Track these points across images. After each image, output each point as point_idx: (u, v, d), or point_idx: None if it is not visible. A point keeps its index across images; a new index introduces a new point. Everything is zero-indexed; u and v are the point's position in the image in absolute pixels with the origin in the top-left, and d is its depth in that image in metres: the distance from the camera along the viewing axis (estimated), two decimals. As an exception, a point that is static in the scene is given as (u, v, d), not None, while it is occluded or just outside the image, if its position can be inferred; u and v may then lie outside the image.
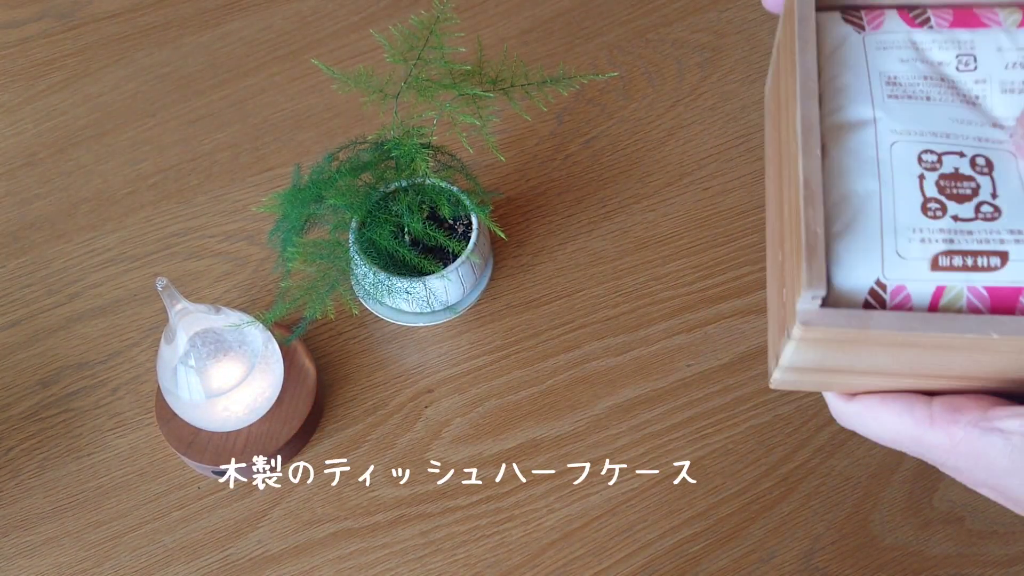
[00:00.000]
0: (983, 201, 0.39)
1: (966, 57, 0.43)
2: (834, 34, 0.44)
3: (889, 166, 0.40)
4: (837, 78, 0.43)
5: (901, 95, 0.42)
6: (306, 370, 0.67)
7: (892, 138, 0.41)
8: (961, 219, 0.39)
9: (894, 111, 0.41)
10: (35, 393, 0.69)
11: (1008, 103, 0.41)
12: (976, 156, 0.40)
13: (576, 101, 0.82)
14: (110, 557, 0.63)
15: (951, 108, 0.42)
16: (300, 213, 0.61)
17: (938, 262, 0.38)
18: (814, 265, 0.37)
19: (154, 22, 0.87)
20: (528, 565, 0.63)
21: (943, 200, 0.39)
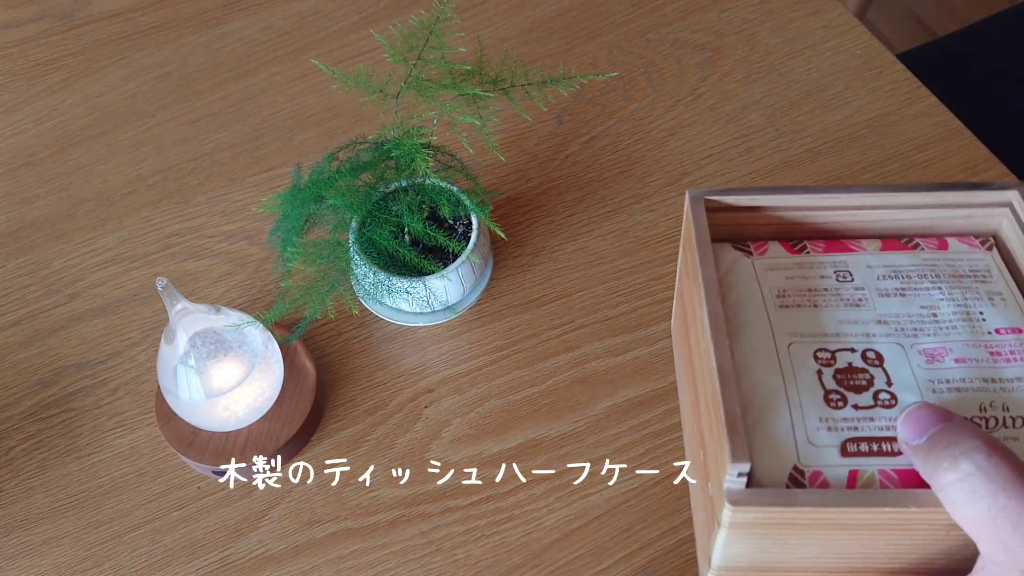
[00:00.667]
0: (880, 390, 0.44)
1: (842, 272, 0.48)
2: (726, 259, 0.50)
3: (789, 363, 0.45)
4: (732, 293, 0.48)
5: (791, 304, 0.47)
6: (306, 370, 0.67)
7: (788, 340, 0.46)
8: (862, 407, 0.43)
9: (786, 317, 0.46)
10: (35, 393, 0.69)
11: (888, 304, 0.46)
12: (866, 350, 0.45)
13: (576, 101, 0.82)
14: (110, 557, 0.63)
15: (837, 312, 0.46)
16: (300, 213, 0.61)
17: (847, 448, 0.42)
18: (736, 440, 0.39)
19: (154, 22, 0.87)
20: (528, 565, 0.63)
21: (843, 391, 0.43)
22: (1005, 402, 0.43)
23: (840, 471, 0.41)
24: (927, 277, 0.48)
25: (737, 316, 0.47)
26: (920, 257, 0.49)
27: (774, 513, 0.40)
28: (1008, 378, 0.44)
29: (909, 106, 0.80)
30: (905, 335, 0.46)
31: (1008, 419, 0.42)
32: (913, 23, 1.88)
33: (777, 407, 0.43)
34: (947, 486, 0.36)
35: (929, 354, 0.45)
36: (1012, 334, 0.45)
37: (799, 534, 0.41)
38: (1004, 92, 1.03)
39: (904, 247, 0.50)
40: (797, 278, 0.48)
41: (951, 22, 1.86)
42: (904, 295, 0.47)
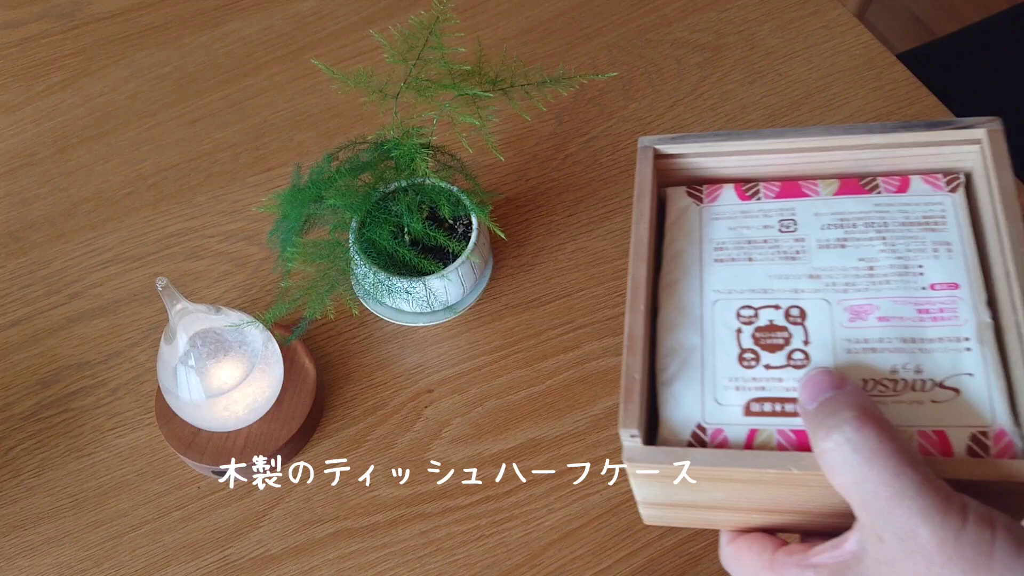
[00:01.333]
0: (795, 349, 0.44)
1: (787, 221, 0.48)
2: (677, 206, 0.51)
3: (711, 322, 0.46)
4: (674, 244, 0.49)
5: (726, 258, 0.48)
6: (306, 370, 0.67)
7: (714, 297, 0.47)
8: (773, 367, 0.44)
9: (718, 273, 0.47)
10: (35, 393, 0.69)
11: (825, 256, 0.47)
12: (791, 307, 0.46)
13: (576, 101, 0.82)
14: (110, 557, 0.63)
15: (771, 266, 0.47)
16: (300, 213, 0.61)
17: (750, 408, 0.43)
18: (629, 406, 0.42)
19: (154, 22, 0.87)
20: (528, 565, 0.63)
21: (757, 350, 0.44)
22: (919, 364, 0.43)
23: (740, 430, 0.43)
24: (873, 226, 0.47)
25: (673, 270, 0.48)
26: (873, 202, 0.48)
27: (667, 469, 0.43)
28: (929, 338, 0.43)
29: (909, 106, 0.80)
30: (835, 290, 0.46)
31: (918, 382, 0.42)
32: (913, 23, 1.88)
33: (692, 366, 0.45)
34: (822, 453, 0.38)
35: (854, 311, 0.45)
36: (947, 290, 0.45)
37: (701, 485, 0.43)
38: (1004, 92, 1.03)
39: (861, 189, 0.49)
40: (740, 228, 0.49)
41: (951, 22, 1.86)
42: (844, 246, 0.47)
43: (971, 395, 0.42)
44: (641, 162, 0.49)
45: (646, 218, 0.47)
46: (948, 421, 0.41)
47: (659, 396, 0.45)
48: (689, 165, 0.50)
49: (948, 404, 0.42)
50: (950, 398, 0.42)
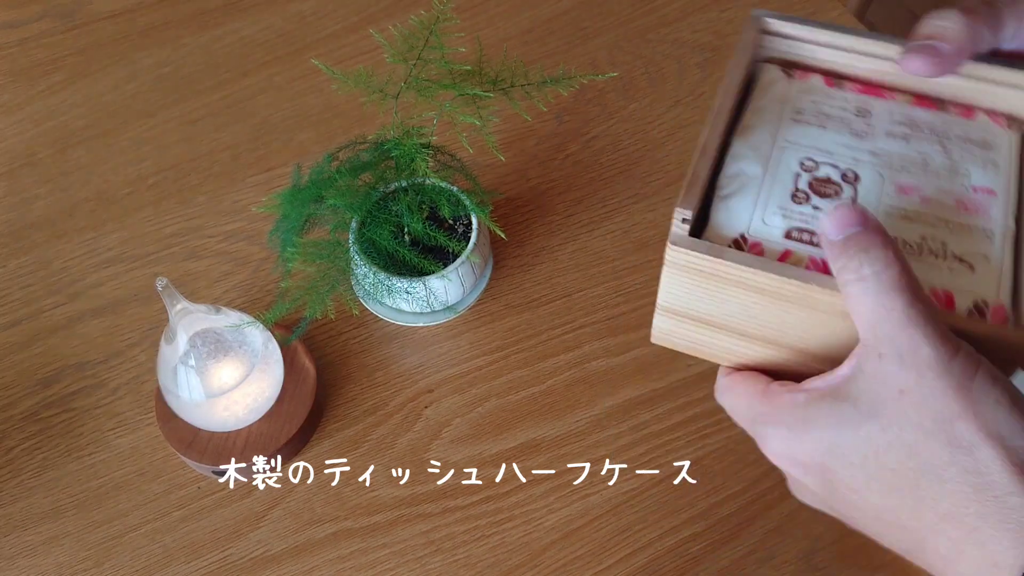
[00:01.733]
0: (842, 201, 0.50)
1: (863, 110, 0.54)
2: (769, 76, 0.56)
3: (777, 162, 0.52)
4: (759, 101, 0.55)
5: (802, 121, 0.54)
6: (306, 370, 0.67)
7: (784, 145, 0.52)
8: (820, 209, 0.49)
9: (793, 129, 0.53)
10: (35, 393, 0.69)
11: (889, 142, 0.52)
12: (848, 170, 0.51)
13: (576, 101, 0.82)
14: (110, 557, 0.63)
15: (840, 136, 0.53)
16: (300, 213, 0.61)
17: (791, 233, 0.49)
18: (690, 193, 0.47)
19: (154, 22, 0.87)
20: (528, 565, 0.63)
21: (810, 193, 0.50)
22: (945, 239, 0.49)
23: (777, 248, 0.48)
24: (936, 132, 0.53)
25: (752, 119, 0.53)
26: (941, 117, 0.54)
27: (703, 261, 0.47)
28: (960, 223, 0.49)
29: (909, 106, 0.80)
30: (891, 168, 0.51)
31: (940, 251, 0.48)
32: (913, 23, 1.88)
33: (749, 191, 0.50)
34: (847, 283, 0.43)
35: (902, 187, 0.50)
36: (986, 194, 0.51)
37: (724, 290, 0.48)
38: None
39: (932, 105, 0.54)
40: (820, 104, 0.54)
41: (951, 22, 1.86)
42: (907, 140, 0.52)
43: (982, 273, 0.48)
44: (746, 31, 0.54)
45: (742, 69, 0.53)
46: (957, 286, 0.47)
47: (713, 207, 0.50)
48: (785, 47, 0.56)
49: (961, 274, 0.47)
50: (964, 270, 0.48)
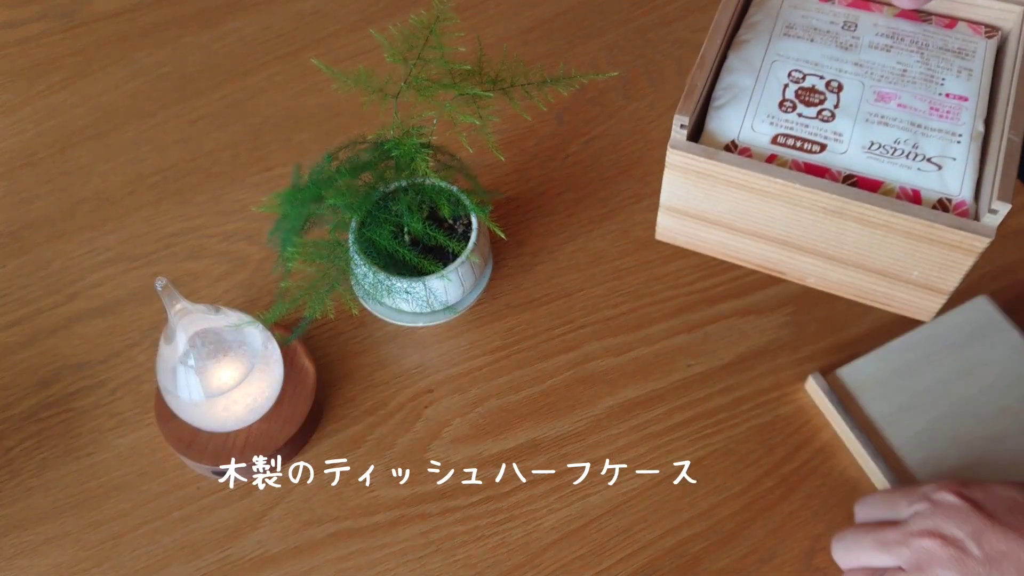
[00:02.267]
0: (825, 108, 0.56)
1: (850, 23, 0.60)
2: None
3: (766, 73, 0.57)
4: (754, 16, 0.61)
5: (792, 35, 0.59)
6: (306, 370, 0.67)
7: (774, 58, 0.58)
8: (804, 117, 0.56)
9: (783, 43, 0.59)
10: (35, 393, 0.69)
11: (871, 53, 0.58)
12: (832, 80, 0.57)
13: (576, 101, 0.82)
14: (110, 557, 0.63)
15: (827, 49, 0.59)
16: (300, 213, 0.61)
17: (777, 140, 0.55)
18: (688, 101, 0.54)
19: (154, 22, 0.87)
20: (528, 565, 0.63)
21: (796, 102, 0.56)
22: (917, 142, 0.54)
23: (764, 152, 0.55)
24: (916, 43, 0.59)
25: (746, 34, 0.60)
26: (923, 28, 0.59)
27: (698, 162, 0.54)
28: (931, 127, 0.55)
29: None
30: (871, 78, 0.57)
31: (912, 153, 0.54)
32: None
33: (741, 100, 0.56)
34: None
35: (881, 95, 0.56)
36: (958, 100, 0.56)
37: (717, 188, 0.55)
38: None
39: (916, 17, 0.60)
40: (811, 18, 0.60)
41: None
42: (889, 51, 0.58)
43: (949, 173, 0.53)
44: None
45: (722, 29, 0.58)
46: (925, 185, 0.53)
47: (707, 116, 0.56)
48: None
49: (929, 174, 0.53)
50: (932, 170, 0.53)
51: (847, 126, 0.55)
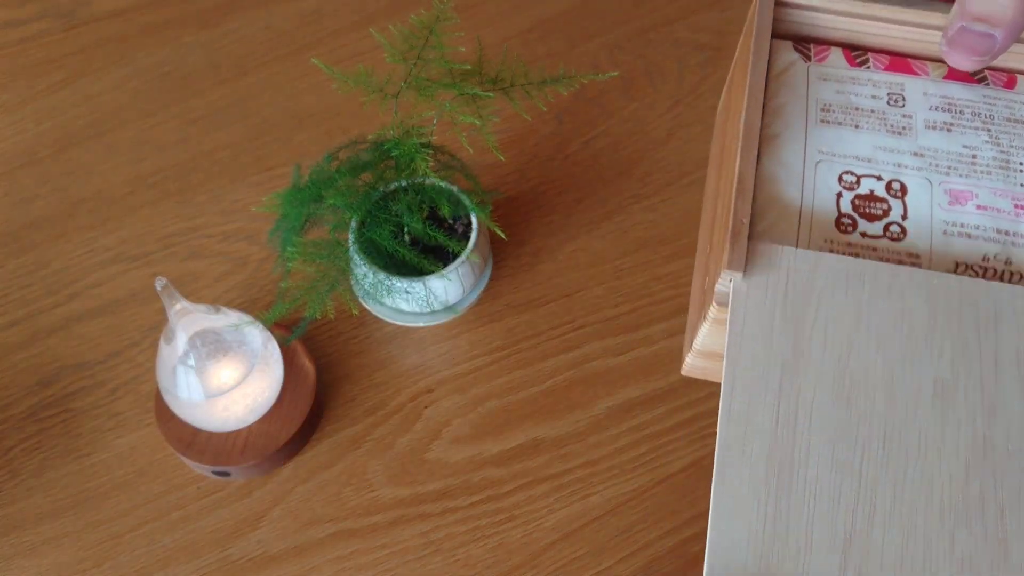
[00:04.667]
0: (893, 222, 0.45)
1: (896, 96, 0.48)
2: (783, 60, 0.49)
3: (813, 181, 0.45)
4: (778, 98, 0.48)
5: (832, 121, 0.47)
6: (306, 370, 0.67)
7: (818, 157, 0.46)
8: (869, 236, 0.44)
9: (823, 134, 0.47)
10: (34, 393, 0.69)
11: (930, 136, 0.47)
12: (892, 181, 0.46)
13: (576, 101, 0.82)
14: (110, 557, 0.63)
15: (876, 136, 0.47)
16: (300, 213, 0.61)
17: None
18: (735, 250, 0.42)
19: (154, 22, 0.87)
20: (528, 565, 0.63)
21: (856, 217, 0.45)
22: (1010, 256, 0.44)
23: None
24: (980, 116, 0.47)
25: (775, 124, 0.47)
26: (981, 93, 0.48)
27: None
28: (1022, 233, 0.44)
29: (909, 106, 0.80)
30: (938, 171, 0.46)
31: (1007, 272, 0.43)
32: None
33: (788, 222, 0.44)
34: None
35: (954, 195, 0.45)
36: None
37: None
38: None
39: (969, 79, 0.49)
40: (848, 94, 0.48)
41: (952, 22, 1.85)
42: (950, 131, 0.47)
43: None
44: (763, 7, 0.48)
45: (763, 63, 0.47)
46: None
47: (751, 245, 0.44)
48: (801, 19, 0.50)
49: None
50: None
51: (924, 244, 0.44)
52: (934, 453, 0.39)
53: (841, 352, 0.41)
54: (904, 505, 0.38)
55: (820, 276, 0.42)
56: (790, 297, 0.42)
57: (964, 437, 0.39)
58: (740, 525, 0.38)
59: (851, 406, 0.40)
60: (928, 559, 0.37)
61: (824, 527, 0.38)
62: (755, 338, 0.41)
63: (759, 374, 0.41)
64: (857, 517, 0.38)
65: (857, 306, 0.42)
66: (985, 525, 0.37)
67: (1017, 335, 0.41)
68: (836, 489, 0.38)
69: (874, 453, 0.39)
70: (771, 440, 0.40)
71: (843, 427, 0.40)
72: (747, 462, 0.39)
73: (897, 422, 0.39)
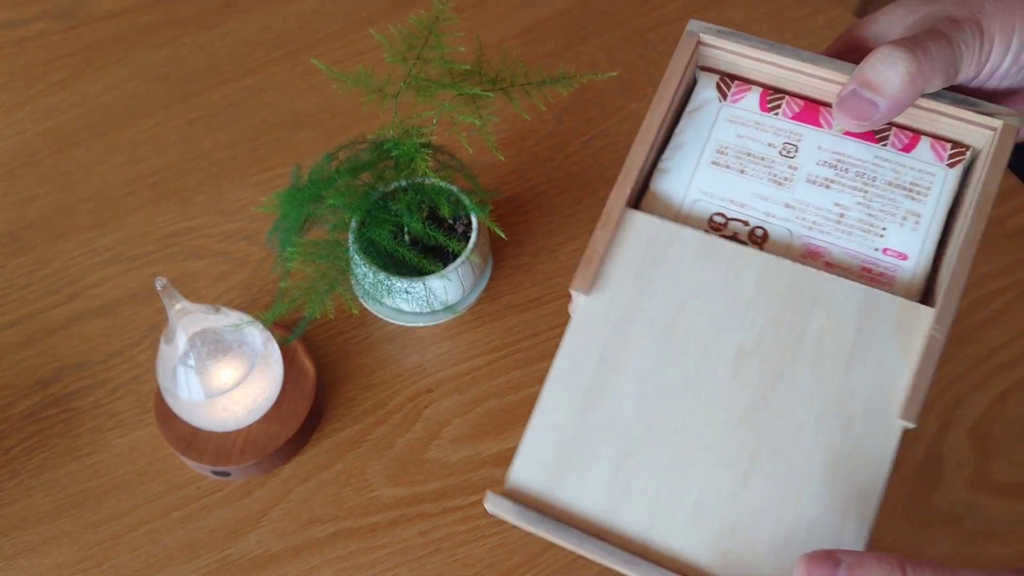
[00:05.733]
0: None
1: (791, 146, 0.51)
2: (701, 96, 0.53)
3: (685, 217, 0.50)
4: (684, 134, 0.54)
5: (722, 164, 0.51)
6: (306, 370, 0.67)
7: (697, 196, 0.51)
8: None
9: (710, 175, 0.51)
10: (35, 393, 0.69)
11: (808, 190, 0.50)
12: (757, 227, 0.50)
13: (576, 101, 0.82)
14: (110, 557, 0.63)
15: (758, 184, 0.51)
16: (299, 213, 0.61)
17: None
18: (586, 272, 0.48)
19: (154, 22, 0.87)
20: (528, 565, 0.63)
21: None
22: None
23: None
24: (863, 176, 0.50)
25: (672, 158, 0.52)
26: (874, 153, 0.51)
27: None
28: None
29: (909, 106, 0.80)
30: (802, 225, 0.50)
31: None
32: (913, 23, 1.87)
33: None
34: None
35: (809, 250, 0.49)
36: (895, 258, 0.49)
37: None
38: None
39: (870, 137, 0.51)
40: (747, 138, 0.52)
41: (951, 22, 1.85)
42: (828, 187, 0.50)
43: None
44: (681, 48, 0.52)
45: (666, 104, 0.51)
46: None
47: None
48: (728, 59, 0.53)
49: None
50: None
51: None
52: (718, 403, 0.46)
53: (672, 311, 0.48)
54: (679, 437, 0.46)
55: (676, 246, 0.48)
56: (646, 260, 0.48)
57: (747, 395, 0.46)
58: (549, 435, 0.47)
59: (667, 355, 0.47)
60: (685, 481, 0.45)
61: (612, 443, 0.46)
62: (604, 291, 0.48)
63: (601, 319, 0.48)
64: (640, 441, 0.46)
65: (698, 275, 0.48)
66: (737, 466, 0.45)
67: (826, 320, 0.46)
68: (632, 417, 0.46)
69: (671, 395, 0.47)
70: (592, 372, 0.47)
71: (654, 371, 0.47)
72: (568, 388, 0.47)
73: (698, 374, 0.47)
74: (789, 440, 0.45)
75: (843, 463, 0.45)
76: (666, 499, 0.45)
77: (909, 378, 0.45)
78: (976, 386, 0.68)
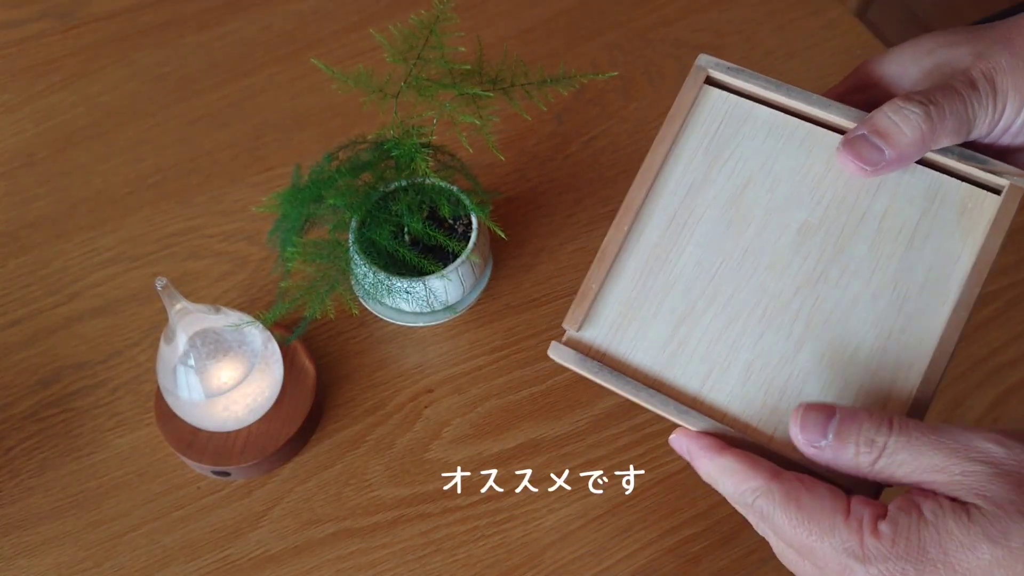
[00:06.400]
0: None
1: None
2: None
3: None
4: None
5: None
6: (306, 370, 0.67)
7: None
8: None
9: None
10: (35, 393, 0.69)
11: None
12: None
13: (576, 101, 0.82)
14: (110, 557, 0.63)
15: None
16: (299, 213, 0.61)
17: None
18: (577, 310, 0.50)
19: (154, 22, 0.87)
20: (528, 565, 0.63)
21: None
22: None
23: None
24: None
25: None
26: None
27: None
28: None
29: (909, 106, 0.80)
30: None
31: None
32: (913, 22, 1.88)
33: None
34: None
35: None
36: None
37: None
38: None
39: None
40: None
41: (952, 21, 1.86)
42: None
43: None
44: (689, 83, 0.53)
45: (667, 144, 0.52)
46: None
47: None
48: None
49: None
50: None
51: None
52: (776, 273, 0.49)
53: (740, 184, 0.51)
54: (736, 303, 0.48)
55: (749, 123, 0.52)
56: (718, 136, 0.51)
57: (807, 267, 0.49)
58: (613, 292, 0.50)
59: (730, 225, 0.50)
60: (738, 344, 0.48)
61: (672, 304, 0.49)
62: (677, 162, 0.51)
63: (672, 187, 0.51)
64: (698, 303, 0.49)
65: (768, 152, 0.51)
66: (791, 332, 0.48)
67: (891, 201, 0.49)
68: (692, 280, 0.49)
69: (732, 262, 0.49)
70: (659, 235, 0.50)
71: (717, 239, 0.50)
72: (635, 246, 0.51)
73: (759, 245, 0.49)
74: (844, 312, 0.48)
75: (894, 336, 0.47)
76: (719, 359, 0.48)
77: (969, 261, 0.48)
78: (976, 386, 0.68)
